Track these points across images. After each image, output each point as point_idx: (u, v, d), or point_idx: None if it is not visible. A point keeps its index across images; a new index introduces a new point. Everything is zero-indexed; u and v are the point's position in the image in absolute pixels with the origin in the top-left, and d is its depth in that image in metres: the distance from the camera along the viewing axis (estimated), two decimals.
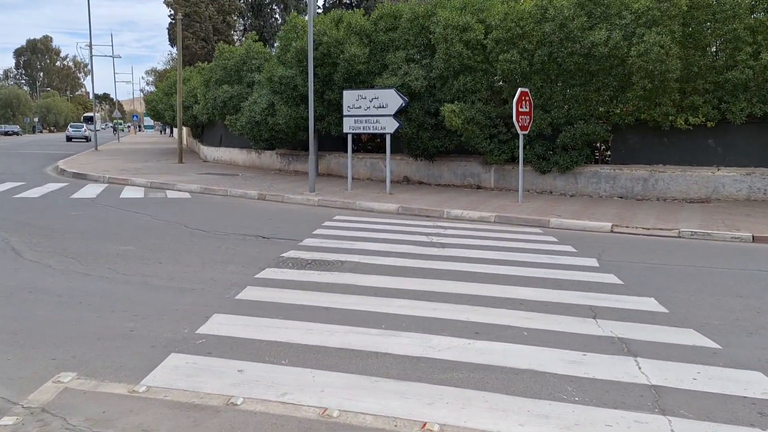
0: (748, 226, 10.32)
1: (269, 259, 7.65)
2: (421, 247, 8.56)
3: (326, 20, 16.40)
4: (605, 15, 13.22)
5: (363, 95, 14.22)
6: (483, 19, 14.51)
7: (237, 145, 22.37)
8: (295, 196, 14.01)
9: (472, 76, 14.61)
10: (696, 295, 6.26)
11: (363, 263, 7.49)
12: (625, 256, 8.20)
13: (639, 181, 13.92)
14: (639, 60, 12.34)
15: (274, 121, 17.09)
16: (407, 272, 7.06)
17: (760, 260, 8.12)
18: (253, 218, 11.31)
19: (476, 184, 15.83)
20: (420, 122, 15.34)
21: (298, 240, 8.98)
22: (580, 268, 7.44)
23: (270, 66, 17.35)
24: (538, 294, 6.18)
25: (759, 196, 13.00)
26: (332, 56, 15.65)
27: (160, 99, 33.27)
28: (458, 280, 6.71)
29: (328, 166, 18.79)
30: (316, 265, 7.35)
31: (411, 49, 15.44)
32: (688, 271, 7.36)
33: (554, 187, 14.80)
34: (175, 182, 16.66)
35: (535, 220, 11.16)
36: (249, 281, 6.59)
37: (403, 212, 12.38)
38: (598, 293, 6.27)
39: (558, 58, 13.44)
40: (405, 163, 17.06)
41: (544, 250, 8.54)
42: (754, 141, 13.18)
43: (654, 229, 10.32)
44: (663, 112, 13.11)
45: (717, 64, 12.68)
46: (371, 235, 9.50)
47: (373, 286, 6.43)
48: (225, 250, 8.25)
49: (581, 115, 13.92)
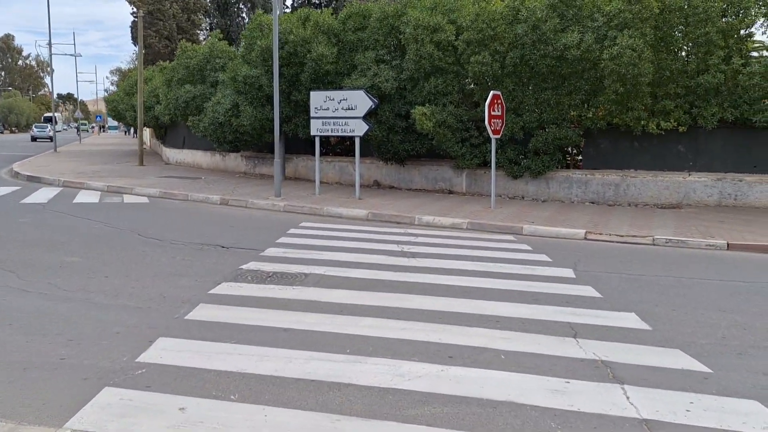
0: (721, 233, 10.15)
1: (227, 272, 7.12)
2: (390, 257, 8.13)
3: (293, 18, 15.87)
4: (577, 17, 12.99)
5: (331, 96, 13.74)
6: (454, 19, 14.17)
7: (201, 147, 21.64)
8: (260, 201, 13.45)
9: (444, 78, 14.26)
10: (678, 309, 5.95)
11: (328, 276, 7.01)
12: (601, 266, 7.89)
13: (611, 187, 13.73)
14: (611, 63, 12.13)
15: (239, 123, 16.48)
16: (376, 286, 6.61)
17: (737, 270, 7.90)
18: (214, 225, 10.73)
19: (448, 189, 15.48)
20: (390, 125, 14.93)
21: (259, 250, 8.46)
22: (557, 279, 7.09)
23: (234, 65, 16.73)
24: (515, 310, 5.79)
25: (730, 202, 12.91)
26: (299, 56, 15.12)
27: (121, 99, 32.19)
28: (430, 295, 6.29)
29: (295, 169, 18.24)
30: (278, 279, 6.85)
31: (381, 50, 15.02)
32: (667, 282, 7.07)
33: (526, 192, 14.52)
34: (133, 186, 15.93)
35: (508, 227, 10.83)
36: (202, 298, 6.06)
37: (372, 218, 11.94)
38: (577, 308, 5.92)
39: (530, 61, 13.17)
40: (375, 167, 16.62)
41: (519, 259, 8.19)
42: (725, 146, 13.10)
43: (628, 236, 10.08)
44: (635, 117, 12.94)
45: (689, 68, 12.56)
46: (339, 243, 9.03)
47: (338, 302, 5.96)
48: (179, 262, 7.69)
49: (553, 119, 13.67)
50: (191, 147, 22.56)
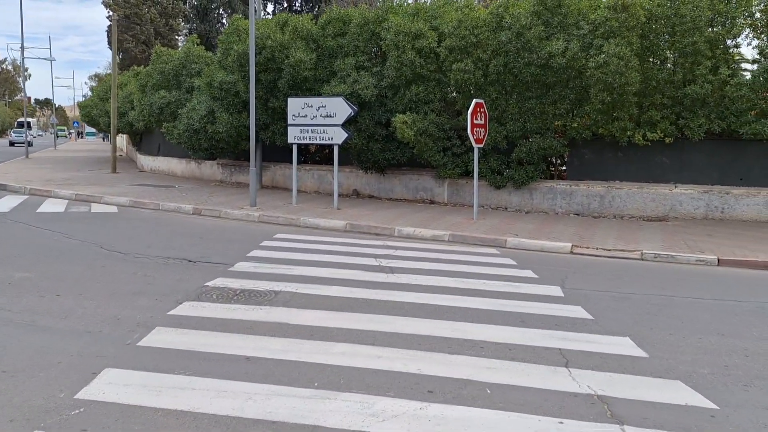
0: (711, 247, 9.84)
1: (190, 290, 6.59)
2: (368, 273, 7.65)
3: (271, 23, 15.41)
4: (562, 25, 12.70)
5: (309, 103, 13.27)
6: (436, 26, 13.81)
7: (176, 154, 21.01)
8: (234, 210, 12.90)
9: (425, 85, 13.87)
10: (674, 333, 5.55)
11: (300, 294, 6.52)
12: (589, 284, 7.50)
13: (595, 198, 13.42)
14: (598, 72, 11.83)
15: (214, 130, 15.92)
16: (351, 305, 6.13)
17: (730, 288, 7.55)
18: (183, 237, 10.17)
19: (429, 199, 15.06)
20: (370, 133, 14.49)
21: (229, 264, 7.93)
22: (544, 298, 6.67)
23: (210, 71, 16.19)
24: (501, 334, 5.35)
25: (716, 215, 12.66)
26: (277, 61, 14.64)
27: (95, 104, 31.32)
28: (409, 316, 5.82)
29: (272, 178, 17.71)
30: (245, 297, 6.34)
31: (361, 56, 14.60)
32: (659, 301, 6.68)
33: (509, 203, 14.16)
34: (102, 194, 15.27)
35: (491, 239, 10.42)
36: (160, 320, 5.53)
37: (350, 230, 11.46)
38: (567, 331, 5.49)
39: (514, 69, 12.83)
40: (355, 176, 16.16)
41: (503, 276, 7.76)
42: (712, 158, 12.86)
43: (615, 250, 9.73)
44: (621, 127, 12.65)
45: (675, 78, 12.30)
46: (313, 257, 8.54)
47: (308, 324, 5.47)
48: (141, 278, 7.14)
49: (537, 129, 13.34)
50: (166, 154, 21.91)
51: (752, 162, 12.60)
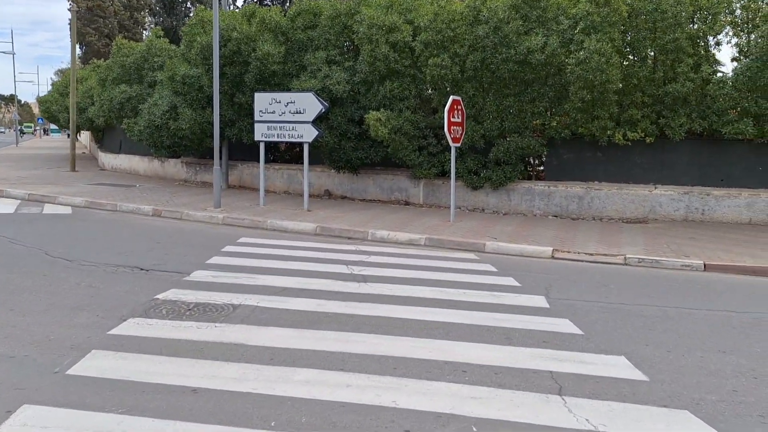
0: (695, 251, 9.46)
1: (138, 304, 5.90)
2: (338, 282, 7.04)
3: (237, 15, 14.67)
4: (541, 19, 12.23)
5: (277, 98, 12.57)
6: (411, 19, 13.23)
7: (138, 152, 20.07)
8: (197, 212, 12.16)
9: (400, 81, 13.28)
10: (672, 350, 5.07)
11: (262, 308, 5.88)
12: (575, 293, 7.00)
13: (574, 199, 13.00)
14: (578, 69, 11.39)
15: (177, 126, 15.11)
16: (318, 321, 5.51)
17: (721, 296, 7.13)
18: (138, 241, 9.42)
19: (404, 200, 14.50)
20: (342, 131, 13.85)
21: (185, 273, 7.24)
22: (529, 310, 6.14)
23: (172, 64, 15.36)
24: (485, 354, 4.80)
25: (697, 217, 12.34)
26: (243, 54, 13.90)
27: (54, 100, 29.99)
28: (383, 333, 5.23)
29: (240, 177, 16.95)
30: (199, 313, 5.68)
31: (332, 50, 13.94)
32: (651, 313, 6.21)
33: (486, 204, 13.67)
34: (57, 194, 14.36)
35: (469, 243, 9.89)
36: (98, 341, 4.85)
37: (321, 233, 10.83)
38: (557, 350, 4.96)
39: (491, 65, 12.32)
40: (326, 176, 15.51)
41: (484, 284, 7.22)
42: (692, 158, 12.54)
43: (598, 255, 9.28)
44: (601, 126, 12.24)
45: (656, 75, 11.93)
46: (280, 264, 7.89)
47: (269, 345, 4.84)
48: (84, 290, 6.42)
49: (515, 128, 12.86)
50: (128, 152, 20.94)
51: (734, 162, 12.31)
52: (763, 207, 11.95)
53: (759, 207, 11.97)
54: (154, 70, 17.62)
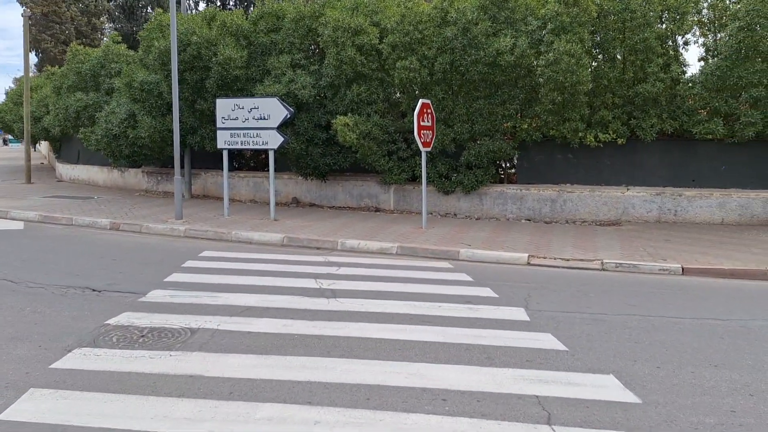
0: (672, 254, 9.29)
1: (86, 331, 5.39)
2: (306, 299, 6.62)
3: (197, 18, 14.13)
4: (510, 20, 12.01)
5: (240, 104, 12.08)
6: (377, 21, 12.87)
7: (97, 162, 19.28)
8: (157, 225, 11.58)
9: (367, 85, 12.91)
10: (662, 366, 4.78)
11: (222, 331, 5.42)
12: (555, 303, 6.70)
13: (547, 202, 12.79)
14: (548, 70, 11.18)
15: (136, 134, 14.47)
16: (283, 345, 5.09)
17: (705, 302, 6.92)
18: (92, 258, 8.83)
19: (374, 206, 14.12)
20: (309, 137, 13.41)
21: (140, 293, 6.73)
22: (509, 324, 5.81)
23: (130, 70, 14.72)
24: (465, 378, 4.44)
25: (670, 218, 12.24)
26: (204, 59, 13.36)
27: (9, 109, 28.81)
28: (355, 357, 4.84)
29: (204, 186, 16.36)
30: (153, 339, 5.20)
31: (297, 54, 13.49)
32: (636, 324, 5.94)
33: (458, 209, 13.38)
34: (9, 209, 13.58)
35: (443, 251, 9.56)
36: (38, 377, 4.35)
37: (289, 243, 10.38)
38: (542, 370, 4.63)
39: (461, 67, 12.04)
40: (294, 183, 15.04)
41: (460, 296, 6.88)
42: (664, 159, 12.45)
43: (574, 260, 9.04)
44: (572, 128, 12.06)
45: (626, 76, 11.80)
46: (244, 280, 7.43)
47: (229, 376, 4.40)
48: (28, 316, 5.86)
49: (486, 131, 12.60)
50: (87, 162, 20.12)
51: (704, 162, 12.26)
52: (735, 207, 11.90)
53: (731, 207, 11.92)
54: (111, 77, 16.92)
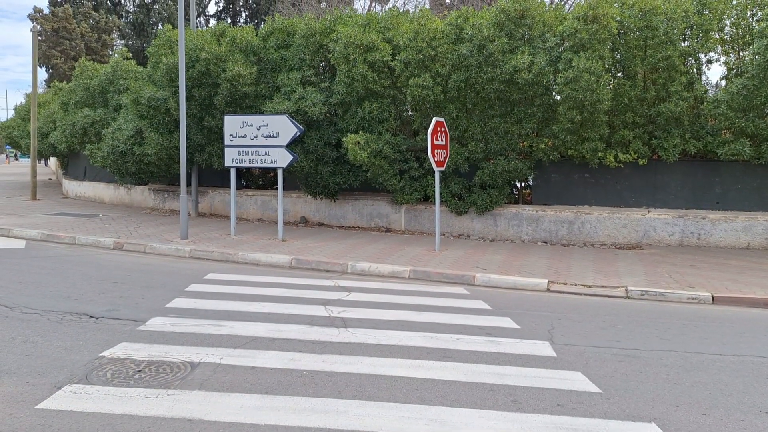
0: (700, 281, 8.83)
1: (79, 365, 4.99)
2: (315, 328, 6.20)
3: (206, 34, 13.90)
4: (527, 37, 11.68)
5: (249, 122, 11.77)
6: (390, 38, 12.59)
7: (103, 179, 19.05)
8: (162, 244, 11.23)
9: (379, 102, 12.59)
10: (708, 413, 4.32)
11: (225, 366, 5.01)
12: (582, 336, 6.25)
13: (564, 224, 12.36)
14: (567, 88, 10.81)
15: (143, 152, 14.21)
16: (290, 384, 4.67)
17: (742, 336, 6.44)
18: (93, 281, 8.46)
19: (385, 227, 13.72)
20: (319, 155, 13.08)
21: (140, 320, 6.34)
22: (534, 361, 5.37)
23: (137, 86, 14.50)
24: (491, 425, 4.01)
25: (692, 241, 11.77)
26: (212, 75, 13.10)
27: (17, 125, 28.75)
28: (367, 398, 4.41)
29: (211, 204, 16.05)
30: (150, 375, 4.79)
31: (307, 70, 13.22)
32: (673, 361, 5.48)
33: (472, 230, 12.96)
34: (12, 227, 13.29)
35: (458, 275, 9.13)
36: (21, 421, 3.94)
37: (297, 266, 9.99)
38: (575, 416, 4.19)
39: (476, 85, 11.70)
40: (303, 202, 14.70)
41: (479, 327, 6.44)
42: (687, 181, 12.01)
43: (597, 287, 8.59)
44: (591, 148, 11.66)
45: (648, 95, 11.41)
46: (250, 307, 7.03)
47: (231, 421, 3.98)
48: (19, 346, 5.48)
49: (501, 150, 12.22)
50: (93, 179, 19.90)
51: (729, 184, 11.81)
52: (762, 231, 11.42)
53: (757, 231, 11.44)
54: (119, 93, 16.73)
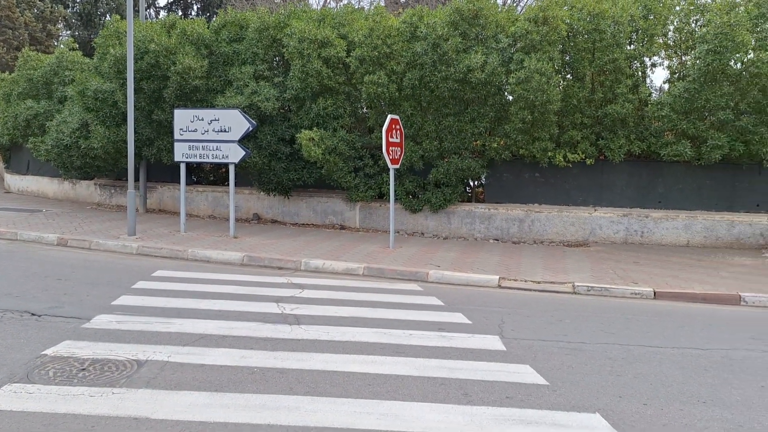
0: (643, 277, 9.16)
1: (20, 363, 4.81)
2: (267, 325, 6.15)
3: (155, 26, 13.54)
4: (481, 37, 11.84)
5: (200, 116, 11.53)
6: (345, 34, 12.55)
7: (47, 173, 18.34)
8: (108, 241, 10.90)
9: (334, 99, 12.54)
10: (649, 403, 4.49)
11: (173, 363, 4.91)
12: (530, 330, 6.39)
13: (515, 222, 12.60)
14: (519, 88, 11.02)
15: (89, 145, 13.75)
16: (240, 380, 4.61)
17: (682, 330, 6.71)
18: (35, 277, 8.15)
19: (339, 224, 13.68)
20: (272, 151, 12.94)
21: (84, 318, 6.15)
22: (485, 355, 5.46)
23: (83, 77, 14.01)
24: (442, 418, 4.06)
25: (636, 239, 12.18)
26: (162, 68, 12.77)
27: None
28: (319, 394, 4.40)
29: (160, 200, 15.66)
30: (95, 374, 4.66)
31: (261, 65, 13.04)
32: (617, 354, 5.66)
33: (426, 228, 13.07)
34: None
35: (411, 272, 9.20)
36: None
37: (249, 263, 9.86)
38: (523, 408, 4.28)
39: (430, 83, 11.80)
40: (255, 198, 14.51)
41: (432, 322, 6.51)
42: (631, 180, 12.42)
43: (545, 283, 8.80)
44: (542, 148, 11.92)
45: (596, 96, 11.74)
46: (199, 304, 6.90)
47: (178, 419, 3.91)
48: None
49: (455, 149, 12.36)
50: (36, 173, 19.12)
51: (671, 184, 12.27)
52: (700, 229, 11.91)
53: (696, 229, 11.92)
54: (64, 85, 16.13)
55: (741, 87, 10.91)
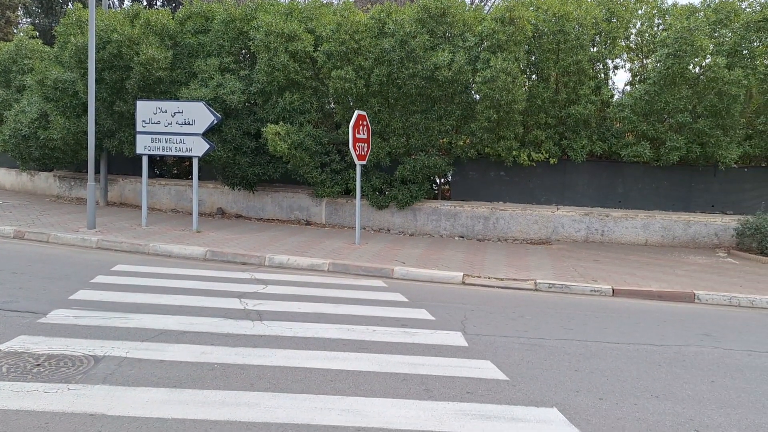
0: (602, 275, 9.37)
1: None
2: (228, 321, 6.09)
3: (118, 15, 13.25)
4: (448, 35, 11.92)
5: (163, 108, 11.34)
6: (312, 28, 12.49)
7: (4, 164, 17.80)
8: (67, 234, 10.64)
9: (301, 93, 12.47)
10: (605, 398, 4.60)
11: (132, 359, 4.83)
12: (492, 326, 6.48)
13: (480, 220, 12.74)
14: (485, 87, 11.14)
15: (48, 136, 13.38)
16: (201, 376, 4.57)
17: (638, 326, 6.89)
18: None
19: (305, 220, 13.63)
20: (237, 145, 12.80)
21: (41, 313, 6.00)
22: (447, 351, 5.52)
23: (43, 66, 13.63)
24: (403, 413, 4.08)
25: (597, 238, 12.45)
26: (125, 58, 12.51)
27: None
28: (280, 391, 4.39)
29: (121, 193, 15.35)
30: (50, 369, 4.55)
31: (226, 57, 12.88)
32: (575, 350, 5.79)
33: (392, 225, 13.11)
34: None
35: (376, 269, 9.22)
36: None
37: (212, 258, 9.75)
38: (483, 403, 4.35)
39: (398, 80, 11.83)
40: (219, 193, 14.34)
41: (396, 319, 6.54)
42: (593, 180, 12.68)
43: (508, 280, 8.93)
44: (507, 147, 12.07)
45: (559, 97, 11.94)
46: (160, 299, 6.80)
47: (135, 415, 3.85)
48: None
49: (422, 146, 12.43)
50: None
51: (630, 184, 12.57)
52: (658, 228, 12.23)
53: (654, 228, 12.24)
54: (23, 74, 15.66)
55: (698, 91, 11.23)
